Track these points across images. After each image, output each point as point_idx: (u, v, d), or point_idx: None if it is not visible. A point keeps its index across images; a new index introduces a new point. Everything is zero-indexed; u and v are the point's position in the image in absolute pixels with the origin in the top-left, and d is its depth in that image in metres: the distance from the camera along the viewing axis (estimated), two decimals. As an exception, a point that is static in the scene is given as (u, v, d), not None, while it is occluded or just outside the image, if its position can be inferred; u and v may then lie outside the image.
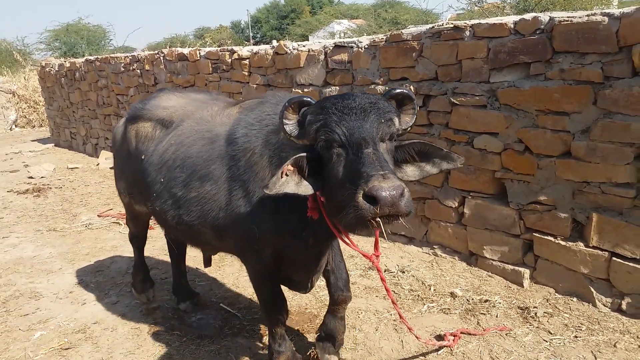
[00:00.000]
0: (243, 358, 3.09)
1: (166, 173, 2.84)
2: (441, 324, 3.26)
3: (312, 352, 3.06)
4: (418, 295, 3.65)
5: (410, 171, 2.18)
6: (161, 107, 3.25)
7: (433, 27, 4.02)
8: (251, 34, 59.21)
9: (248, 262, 2.74)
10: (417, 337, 2.81)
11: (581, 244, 3.34)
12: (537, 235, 3.56)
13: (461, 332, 3.06)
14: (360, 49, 4.62)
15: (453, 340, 3.01)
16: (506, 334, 3.09)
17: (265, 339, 3.25)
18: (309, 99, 2.12)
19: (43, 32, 32.77)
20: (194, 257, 4.68)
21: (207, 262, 3.63)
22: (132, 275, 4.01)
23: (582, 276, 3.36)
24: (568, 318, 3.21)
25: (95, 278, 4.40)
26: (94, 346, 3.32)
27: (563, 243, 3.41)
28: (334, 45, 4.93)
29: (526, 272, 3.64)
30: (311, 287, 2.77)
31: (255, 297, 3.24)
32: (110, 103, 9.37)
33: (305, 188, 2.07)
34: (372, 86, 4.53)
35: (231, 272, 4.35)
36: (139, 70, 8.32)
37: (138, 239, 3.92)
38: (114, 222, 5.87)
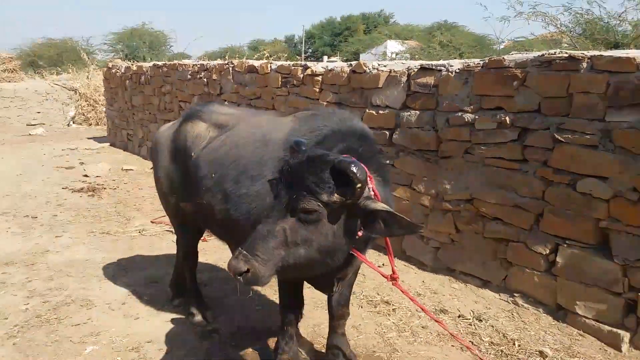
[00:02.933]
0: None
1: (218, 169, 3.02)
2: (534, 390, 2.86)
3: None
4: (502, 351, 3.25)
5: (375, 230, 2.21)
6: (216, 112, 3.50)
7: (543, 55, 3.67)
8: (303, 49, 59.95)
9: None
10: None
11: (703, 315, 2.87)
12: (646, 297, 3.12)
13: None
14: (450, 73, 4.31)
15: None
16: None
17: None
18: (294, 146, 2.28)
19: (108, 34, 34.09)
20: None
21: None
22: (185, 301, 3.80)
23: (701, 351, 2.89)
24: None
25: (149, 290, 4.20)
26: (148, 369, 3.09)
27: (679, 310, 2.96)
28: (419, 67, 4.64)
29: (626, 336, 3.20)
30: (335, 291, 2.78)
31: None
32: (172, 109, 9.40)
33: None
34: (460, 114, 4.20)
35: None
36: (205, 79, 8.29)
37: (189, 257, 3.78)
38: (167, 230, 5.72)
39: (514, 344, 3.32)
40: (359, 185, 2.04)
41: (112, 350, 3.29)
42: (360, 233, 2.22)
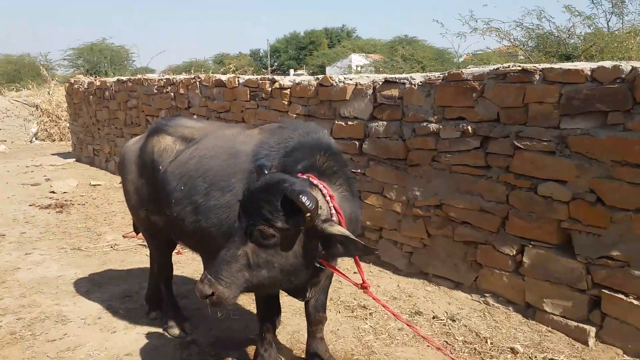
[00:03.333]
0: (291, 407, 2.84)
1: (187, 182, 3.08)
2: (506, 384, 3.00)
3: None
4: (475, 349, 3.40)
5: (333, 252, 2.33)
6: (182, 125, 3.54)
7: (497, 68, 3.89)
8: (269, 63, 60.16)
9: None
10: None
11: (659, 306, 3.10)
12: (607, 291, 3.33)
13: (532, 396, 2.80)
14: (413, 86, 4.51)
15: (523, 404, 2.75)
16: (580, 401, 2.83)
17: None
18: (263, 169, 2.40)
19: (67, 50, 33.52)
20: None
21: None
22: (163, 314, 3.81)
23: (657, 340, 3.11)
24: (644, 387, 2.95)
25: (124, 304, 4.18)
26: (128, 382, 3.08)
27: (636, 302, 3.18)
28: (384, 80, 4.82)
29: (592, 330, 3.39)
30: (309, 297, 2.85)
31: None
32: (138, 123, 9.32)
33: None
34: (425, 124, 4.39)
35: (267, 308, 4.11)
36: (172, 93, 8.28)
37: (163, 269, 3.80)
38: (140, 244, 5.68)
39: (487, 342, 3.47)
40: (307, 214, 2.14)
41: (90, 364, 3.27)
42: (322, 251, 2.34)
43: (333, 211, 2.36)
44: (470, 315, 3.87)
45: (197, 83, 7.69)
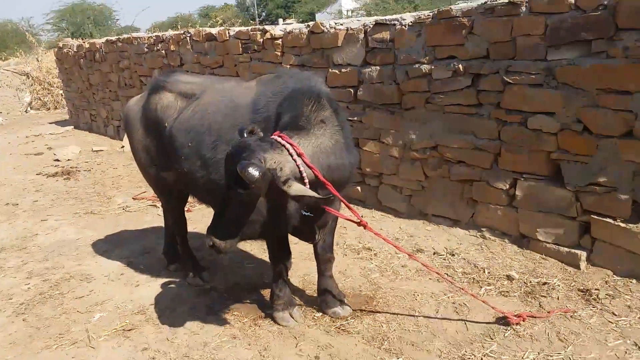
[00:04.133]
0: (306, 337, 3.10)
1: (194, 137, 3.22)
2: (502, 306, 3.24)
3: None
4: (473, 279, 3.65)
5: (302, 205, 2.68)
6: (181, 81, 3.62)
7: (485, 2, 3.92)
8: (257, 13, 58.42)
9: None
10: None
11: (643, 226, 3.31)
12: (595, 217, 3.54)
13: (527, 315, 3.05)
14: (403, 27, 4.54)
15: (516, 318, 3.01)
16: (571, 316, 3.09)
17: (326, 319, 3.28)
18: (242, 134, 2.65)
19: (49, 13, 32.67)
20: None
21: None
22: (183, 264, 4.04)
23: (642, 258, 3.34)
24: (630, 300, 3.21)
25: (144, 260, 4.43)
26: (156, 327, 3.35)
27: (623, 225, 3.38)
28: (374, 22, 4.83)
29: (583, 255, 3.62)
30: (318, 239, 3.14)
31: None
32: (133, 84, 9.31)
33: None
34: (417, 65, 4.46)
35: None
36: (163, 51, 8.24)
37: (178, 222, 4.00)
38: (150, 205, 5.89)
39: (484, 272, 3.72)
40: (252, 185, 2.35)
41: (119, 315, 3.54)
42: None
43: (302, 168, 2.53)
44: (468, 249, 4.11)
45: (188, 38, 7.64)
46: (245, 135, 2.59)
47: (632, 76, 3.19)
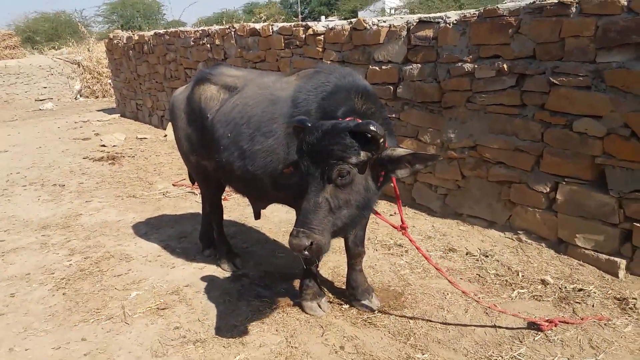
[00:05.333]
0: (332, 327, 3.13)
1: (233, 129, 3.27)
2: (534, 311, 3.20)
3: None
4: (506, 281, 3.59)
5: (402, 172, 2.52)
6: (225, 74, 3.71)
7: (534, 2, 3.84)
8: (300, 10, 58.76)
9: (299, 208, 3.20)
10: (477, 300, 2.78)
11: (690, 237, 3.17)
12: (638, 225, 3.41)
13: (559, 321, 2.98)
14: (448, 25, 4.49)
15: (548, 325, 2.94)
16: (605, 324, 3.00)
17: (353, 311, 3.30)
18: (306, 123, 2.52)
19: (100, 6, 33.96)
20: (269, 229, 4.79)
21: (257, 216, 3.88)
22: (217, 250, 4.14)
23: (687, 270, 3.20)
24: (671, 312, 3.08)
25: (180, 244, 4.56)
26: (189, 307, 3.46)
27: (669, 234, 3.26)
28: (417, 20, 4.81)
29: (622, 263, 3.50)
30: (350, 233, 3.12)
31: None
32: (178, 76, 9.57)
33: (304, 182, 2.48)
34: (460, 64, 4.41)
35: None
36: (208, 45, 8.43)
37: (215, 209, 4.09)
38: (189, 192, 6.05)
39: (518, 275, 3.65)
40: (382, 140, 2.33)
41: (154, 294, 3.66)
42: (380, 179, 2.56)
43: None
44: (502, 251, 4.04)
45: (232, 33, 7.79)
46: (309, 124, 2.52)
47: (686, 80, 3.06)
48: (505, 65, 4.07)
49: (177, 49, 9.39)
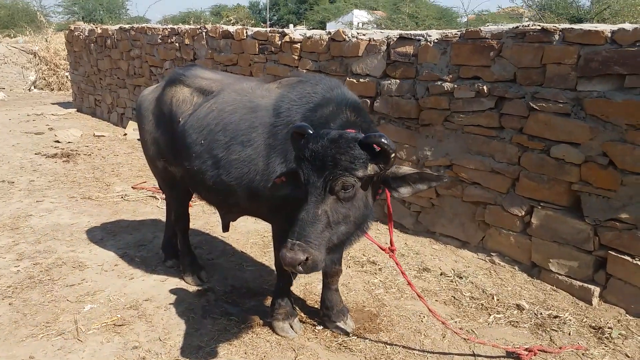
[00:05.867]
0: (305, 350, 2.96)
1: (207, 135, 3.07)
2: (512, 337, 3.14)
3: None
4: (482, 305, 3.52)
5: (404, 191, 2.37)
6: (200, 77, 3.49)
7: (517, 27, 3.86)
8: (268, 16, 58.64)
9: (277, 221, 3.02)
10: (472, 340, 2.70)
11: (662, 268, 3.21)
12: (613, 253, 3.43)
13: (537, 349, 2.93)
14: (429, 43, 4.46)
15: (527, 355, 2.89)
16: (582, 354, 2.97)
17: (327, 333, 3.14)
18: (307, 130, 2.32)
19: (62, -4, 32.61)
20: (236, 239, 4.58)
21: (226, 228, 3.64)
22: (181, 261, 3.89)
23: (658, 300, 3.24)
24: (643, 342, 3.09)
25: (140, 253, 4.28)
26: (149, 324, 3.20)
27: (642, 264, 3.28)
28: (398, 36, 4.76)
29: (596, 290, 3.51)
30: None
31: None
32: (142, 74, 9.20)
33: (299, 192, 2.32)
34: (439, 82, 4.37)
35: (278, 260, 4.22)
36: (177, 44, 8.14)
37: (181, 218, 3.84)
38: (150, 196, 5.74)
39: (493, 298, 3.60)
40: (393, 155, 2.18)
41: (110, 308, 3.38)
42: (377, 197, 2.43)
43: None
44: (476, 272, 3.99)
45: (204, 34, 7.55)
46: (310, 130, 2.32)
47: (665, 114, 3.11)
48: (485, 87, 4.06)
49: (142, 46, 9.04)
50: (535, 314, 3.39)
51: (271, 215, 3.05)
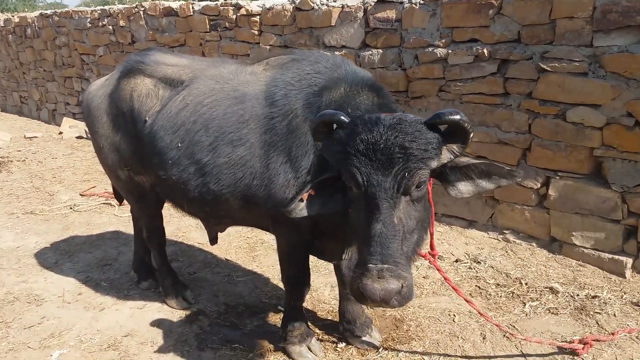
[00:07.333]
0: (337, 379, 2.50)
1: (185, 137, 2.54)
2: (556, 328, 2.81)
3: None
4: (512, 293, 3.18)
5: (464, 188, 1.93)
6: (163, 63, 2.89)
7: (520, -22, 3.46)
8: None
9: (282, 232, 2.52)
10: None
11: (702, 232, 2.97)
12: (645, 221, 3.17)
13: (592, 340, 2.61)
14: (414, 5, 3.99)
15: (583, 348, 2.57)
16: (636, 337, 2.69)
17: (352, 351, 2.69)
18: (338, 117, 1.84)
19: (-34, -17, 29.56)
20: (217, 245, 4.00)
21: (214, 241, 3.08)
22: (159, 281, 3.28)
23: (699, 267, 3.01)
24: (691, 315, 2.86)
25: (105, 274, 3.62)
26: (137, 369, 2.62)
27: (679, 230, 3.04)
28: (376, 0, 4.25)
29: (628, 262, 3.26)
30: (345, 257, 2.54)
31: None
32: (71, 64, 8.22)
33: (334, 205, 1.97)
34: (430, 49, 3.93)
35: (271, 264, 3.70)
36: (111, 27, 7.24)
37: (154, 233, 3.23)
38: (104, 203, 5.00)
39: (521, 283, 3.26)
40: (472, 133, 1.73)
41: (84, 351, 2.76)
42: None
43: None
44: (493, 254, 3.65)
45: (141, 13, 6.72)
46: (347, 119, 1.83)
47: (700, 64, 2.81)
48: (485, 50, 3.66)
49: (69, 32, 8.04)
50: (571, 296, 3.09)
51: (277, 225, 2.50)
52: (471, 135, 1.73)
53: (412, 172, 1.69)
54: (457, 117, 1.69)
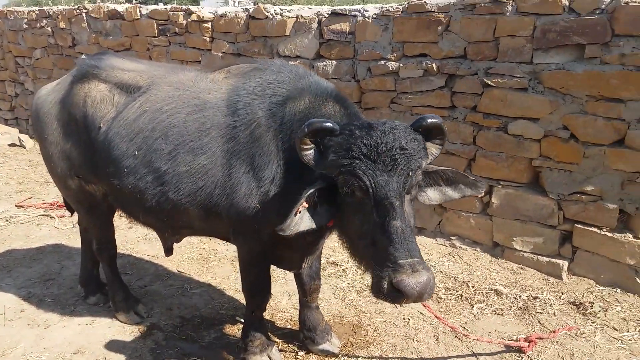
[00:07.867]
0: (299, 387, 2.52)
1: (142, 144, 2.50)
2: (503, 327, 2.98)
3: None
4: (461, 295, 3.33)
5: (433, 195, 2.11)
6: (119, 68, 2.82)
7: (466, -2, 3.65)
8: None
9: (242, 241, 2.51)
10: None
11: (629, 235, 3.24)
12: (579, 226, 3.42)
13: (536, 338, 2.79)
14: (367, 19, 4.11)
15: (528, 345, 2.74)
16: (575, 334, 2.90)
17: (313, 358, 2.72)
18: (330, 125, 1.91)
19: None
20: (168, 258, 3.91)
21: (169, 252, 3.02)
22: (110, 296, 3.17)
23: (627, 267, 3.27)
24: (622, 311, 3.11)
25: (49, 290, 3.44)
26: (90, 388, 2.51)
27: (609, 234, 3.29)
28: (330, 12, 4.35)
29: (564, 264, 3.49)
30: (304, 267, 2.59)
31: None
32: (5, 66, 7.82)
33: (319, 219, 2.00)
34: (383, 62, 4.06)
35: (225, 274, 3.66)
36: (49, 28, 6.92)
37: (105, 246, 3.11)
38: (42, 215, 4.75)
39: (468, 287, 3.42)
40: (446, 136, 1.96)
41: (31, 373, 2.61)
42: None
43: None
44: (441, 260, 3.80)
45: (84, 15, 6.47)
46: (337, 126, 1.91)
47: (627, 84, 3.09)
48: (433, 65, 3.83)
49: (3, 33, 7.65)
50: (514, 297, 3.28)
51: (238, 235, 2.48)
52: (445, 137, 1.93)
53: (414, 171, 1.84)
54: (438, 120, 1.88)
